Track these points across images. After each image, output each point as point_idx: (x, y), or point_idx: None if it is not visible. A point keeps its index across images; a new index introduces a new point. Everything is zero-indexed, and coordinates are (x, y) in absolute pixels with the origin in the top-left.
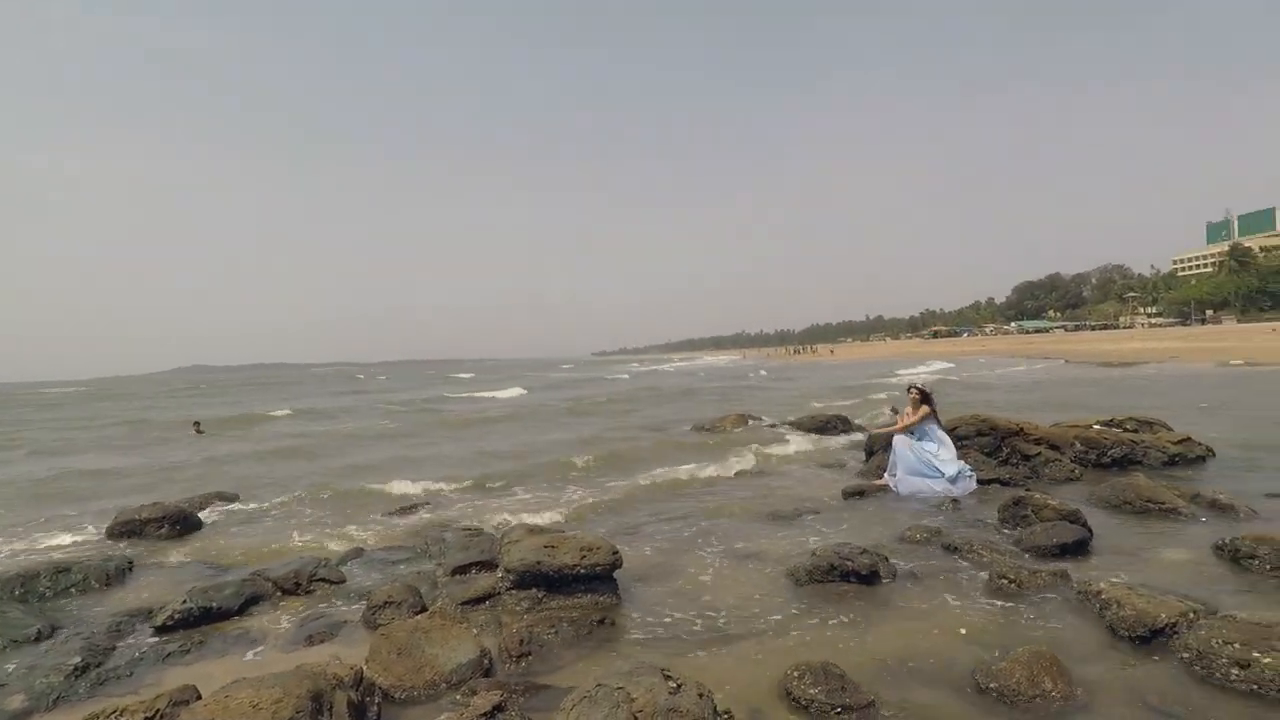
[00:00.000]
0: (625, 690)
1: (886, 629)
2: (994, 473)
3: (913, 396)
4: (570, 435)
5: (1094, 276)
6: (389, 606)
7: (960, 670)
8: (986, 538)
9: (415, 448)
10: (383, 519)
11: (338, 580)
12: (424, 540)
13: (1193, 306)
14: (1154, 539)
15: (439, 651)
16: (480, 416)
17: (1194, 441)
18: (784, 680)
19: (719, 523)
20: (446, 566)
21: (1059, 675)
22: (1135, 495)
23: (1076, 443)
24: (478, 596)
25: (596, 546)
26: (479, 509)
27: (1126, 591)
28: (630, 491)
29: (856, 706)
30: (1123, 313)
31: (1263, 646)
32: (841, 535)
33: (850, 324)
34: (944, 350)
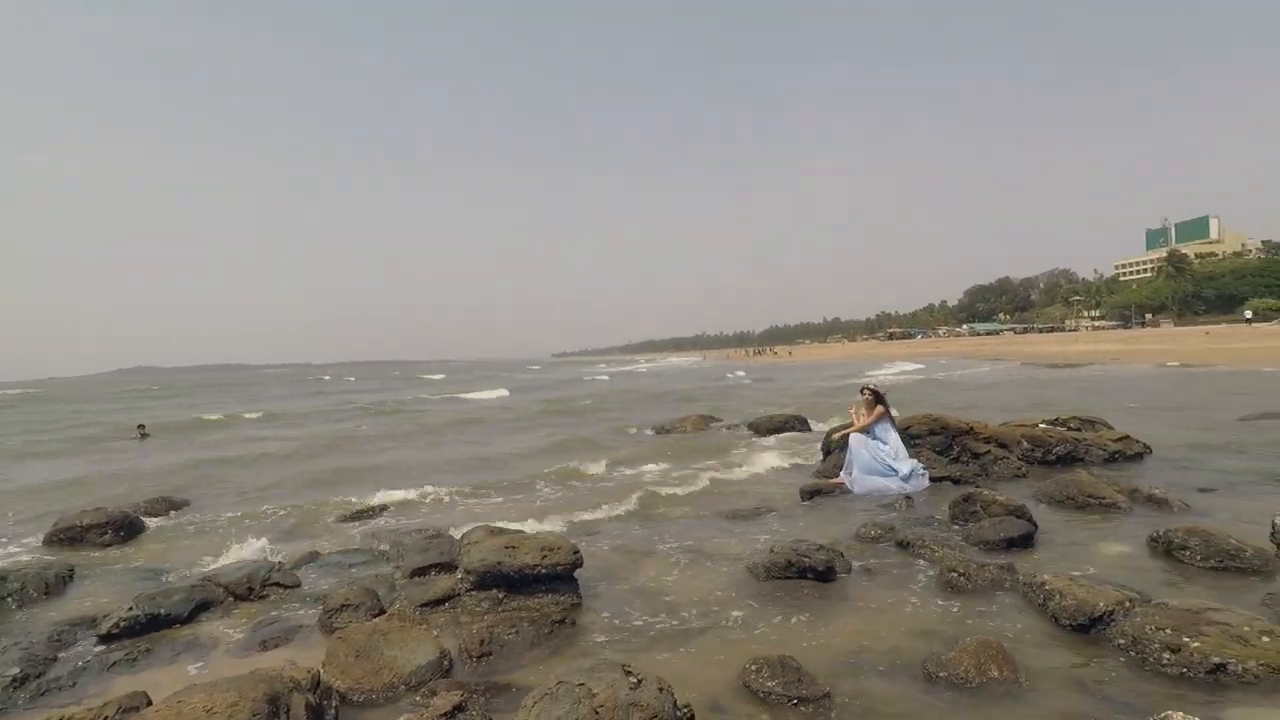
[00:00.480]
0: (586, 686)
1: (842, 623)
2: (945, 470)
3: (866, 398)
4: (547, 438)
5: (1041, 280)
6: (346, 609)
7: (912, 661)
8: (938, 534)
9: (380, 451)
10: (340, 523)
11: (292, 584)
12: (382, 543)
13: (1133, 310)
14: (1094, 532)
15: (398, 653)
16: (466, 418)
17: (1132, 439)
18: (743, 674)
19: (680, 522)
20: (405, 569)
21: (1004, 663)
22: (1077, 491)
23: (1023, 441)
24: (437, 598)
25: (557, 546)
26: (441, 512)
27: (1068, 582)
28: (593, 491)
29: (812, 698)
30: (1068, 316)
31: (1191, 631)
32: (799, 533)
33: (808, 325)
34: (901, 352)
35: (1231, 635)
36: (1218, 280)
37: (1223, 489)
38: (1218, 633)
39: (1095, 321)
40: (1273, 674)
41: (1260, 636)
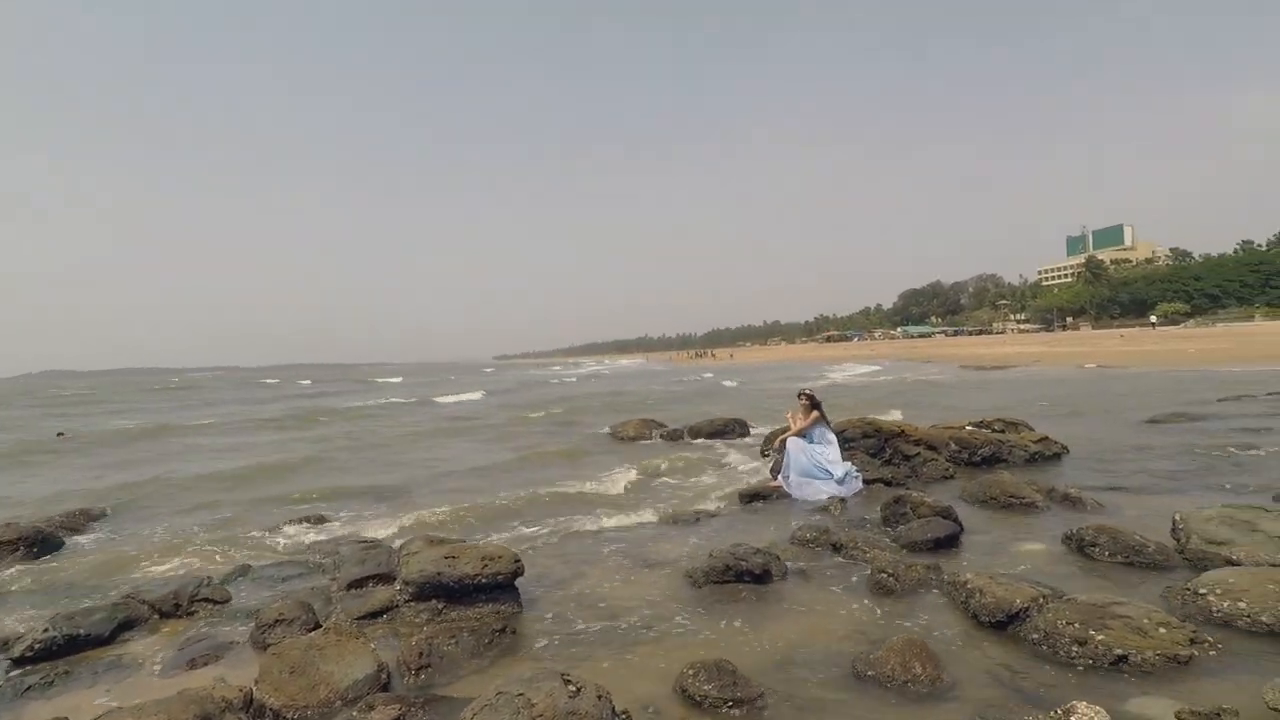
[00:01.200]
0: (525, 696)
1: (777, 625)
2: (878, 473)
3: (802, 402)
4: (487, 442)
5: (971, 285)
6: (279, 624)
7: (842, 661)
8: (869, 535)
9: (321, 458)
10: (275, 534)
11: (222, 600)
12: (319, 555)
13: (1055, 313)
14: (1015, 531)
15: (334, 668)
16: (448, 426)
17: (1051, 440)
18: (680, 678)
19: (621, 528)
20: (341, 581)
21: (928, 660)
22: (1000, 491)
23: (951, 443)
24: (375, 610)
25: (498, 555)
26: (381, 522)
27: (988, 581)
28: (533, 500)
29: (746, 700)
30: (996, 319)
31: (1097, 625)
32: (737, 536)
33: (749, 328)
34: (844, 354)
35: (1132, 628)
36: (1131, 285)
37: (1131, 487)
38: (1120, 626)
39: (1020, 324)
40: (1168, 663)
41: (1158, 628)
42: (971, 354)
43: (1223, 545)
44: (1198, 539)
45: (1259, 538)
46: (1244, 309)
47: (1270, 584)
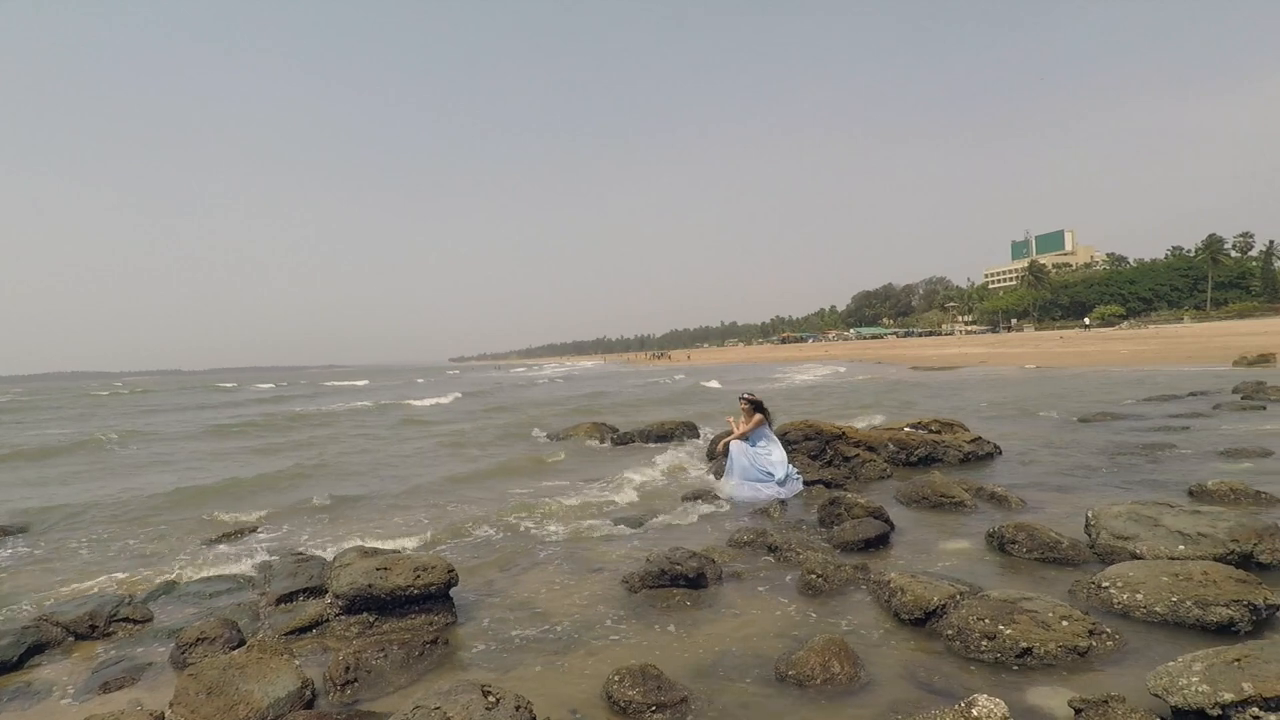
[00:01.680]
0: (442, 710)
1: (708, 629)
2: (818, 474)
3: (744, 406)
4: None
5: (921, 287)
6: (201, 643)
7: (767, 662)
8: (804, 537)
9: (262, 465)
10: (202, 548)
11: (143, 619)
12: (249, 569)
13: (1000, 315)
14: (943, 530)
15: (255, 687)
16: (413, 432)
17: (984, 440)
18: (606, 684)
19: (562, 533)
20: (271, 596)
21: (847, 659)
22: (931, 491)
23: (889, 444)
24: (304, 625)
25: (431, 565)
26: (318, 534)
27: (910, 580)
28: (477, 506)
29: (670, 704)
30: (945, 320)
31: (1006, 620)
32: (677, 539)
33: (707, 329)
34: (799, 355)
35: (1038, 621)
36: (1071, 289)
37: (1055, 485)
38: (1027, 620)
39: (968, 326)
40: (1069, 654)
41: (1060, 621)
42: (921, 355)
43: (1128, 540)
44: (1107, 534)
45: (1160, 532)
46: (1174, 312)
47: (1164, 576)
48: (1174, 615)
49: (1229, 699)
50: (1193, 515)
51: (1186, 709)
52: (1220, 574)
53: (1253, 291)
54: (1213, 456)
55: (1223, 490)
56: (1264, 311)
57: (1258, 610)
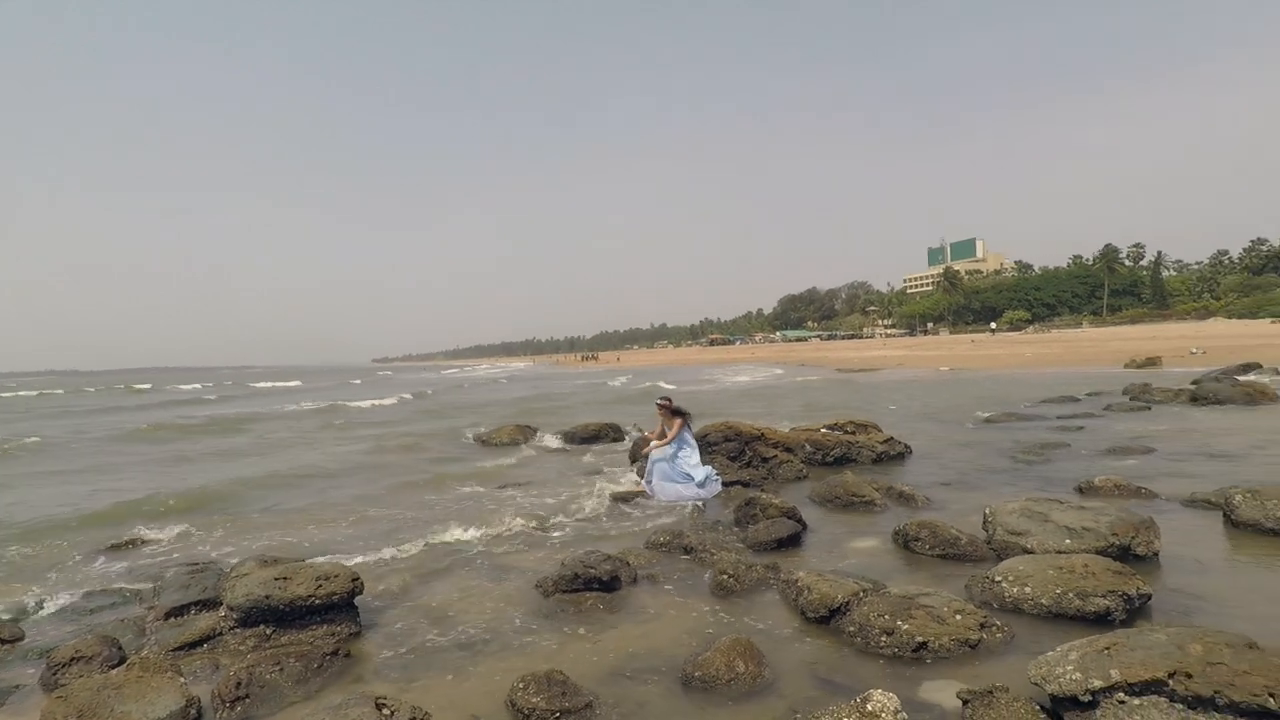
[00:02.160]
0: None
1: (618, 632)
2: (737, 475)
3: (662, 412)
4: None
5: (844, 292)
6: (77, 663)
7: (675, 664)
8: (719, 537)
9: (174, 473)
10: (86, 562)
11: (13, 638)
12: (137, 583)
13: (917, 320)
14: (853, 528)
15: (133, 708)
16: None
17: (895, 440)
18: (510, 692)
19: (479, 538)
20: (159, 610)
21: (751, 658)
22: (843, 490)
23: (806, 445)
24: (194, 640)
25: (334, 575)
26: (219, 545)
27: (816, 578)
28: (393, 511)
29: (574, 709)
30: (866, 324)
31: (904, 615)
32: (594, 543)
33: (637, 331)
34: (726, 357)
35: (933, 616)
36: (982, 294)
37: (960, 483)
38: (923, 615)
39: (888, 330)
40: (960, 646)
41: (954, 615)
42: (844, 357)
43: (1021, 536)
44: (1002, 531)
45: (1050, 527)
46: (1075, 317)
47: (1051, 569)
48: (1058, 607)
49: (1098, 685)
50: (1079, 511)
51: (1062, 696)
52: (1099, 566)
53: (1143, 299)
54: (1102, 455)
55: (1108, 486)
56: (1153, 317)
57: (1131, 600)
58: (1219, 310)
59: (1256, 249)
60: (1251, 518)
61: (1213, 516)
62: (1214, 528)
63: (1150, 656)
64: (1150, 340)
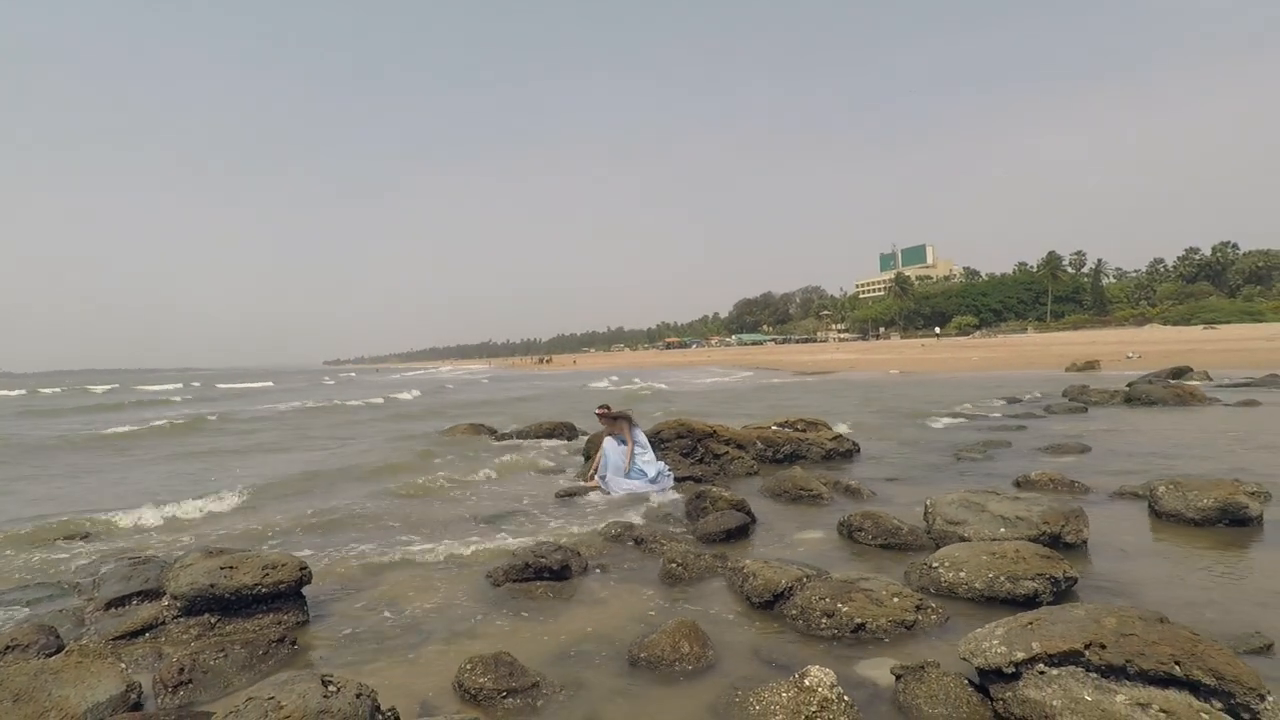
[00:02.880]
0: (275, 700)
1: (567, 618)
2: (689, 471)
3: (604, 420)
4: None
5: (798, 296)
6: (12, 651)
7: (622, 647)
8: (670, 529)
9: (118, 465)
10: (22, 553)
11: None
12: (78, 575)
13: (869, 324)
14: (800, 521)
15: (71, 692)
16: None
17: (844, 438)
18: (458, 674)
19: (432, 529)
20: (100, 600)
21: (696, 640)
22: (792, 485)
23: (758, 442)
24: (136, 629)
25: (281, 563)
26: (162, 537)
27: (761, 565)
28: (346, 503)
29: (521, 689)
30: (820, 328)
31: (844, 599)
32: (546, 534)
33: (594, 334)
34: (681, 360)
35: (871, 599)
36: (932, 300)
37: (905, 479)
38: (862, 598)
39: (841, 334)
40: (897, 627)
41: (892, 598)
42: (798, 361)
43: (959, 525)
44: (941, 520)
45: (986, 517)
46: (1020, 322)
47: (984, 555)
48: (990, 590)
49: (1021, 657)
50: (1013, 502)
51: (988, 669)
52: (1029, 551)
53: (1085, 305)
54: (1041, 452)
55: (1044, 480)
56: (1093, 323)
57: (1058, 582)
58: (1155, 317)
59: (1190, 258)
60: (1174, 508)
61: (1139, 507)
62: (1139, 518)
63: (1069, 630)
64: (1090, 345)
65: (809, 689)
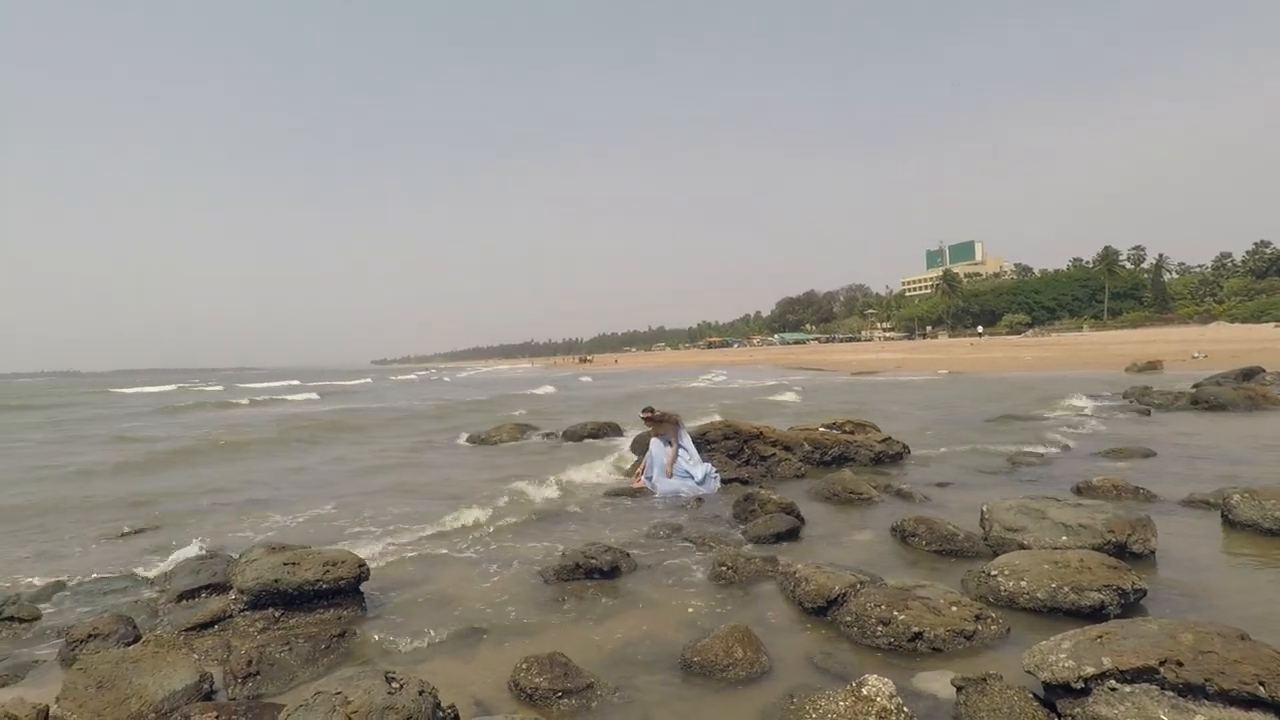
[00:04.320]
0: (343, 694)
1: (618, 619)
2: (735, 472)
3: (649, 422)
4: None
5: (842, 294)
6: (93, 639)
7: (674, 650)
8: (718, 531)
9: (189, 464)
10: (100, 548)
11: (30, 618)
12: (149, 568)
13: (916, 323)
14: (850, 524)
15: (149, 680)
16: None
17: (894, 440)
18: (514, 673)
19: (484, 529)
20: (171, 593)
21: (750, 645)
22: (841, 488)
23: (805, 444)
24: (205, 621)
25: (341, 560)
26: (225, 533)
27: (814, 570)
28: (397, 505)
29: (576, 690)
30: (864, 327)
31: (900, 606)
32: (595, 535)
33: (635, 334)
34: (714, 360)
35: (929, 607)
36: (982, 298)
37: (958, 483)
38: (919, 606)
39: (886, 333)
40: (956, 637)
41: (950, 607)
42: (842, 360)
43: (1017, 532)
44: (999, 527)
45: (1046, 524)
46: (1075, 321)
47: (1046, 564)
48: (1053, 600)
49: (1090, 672)
50: (1075, 508)
51: (1055, 683)
52: (1095, 561)
53: (1144, 302)
54: (1100, 457)
55: (1106, 486)
56: (1154, 321)
57: (1126, 594)
58: (1222, 314)
59: (1260, 252)
60: (1249, 518)
61: (1210, 517)
62: (1211, 528)
63: (1142, 645)
64: (1151, 344)
65: (866, 698)
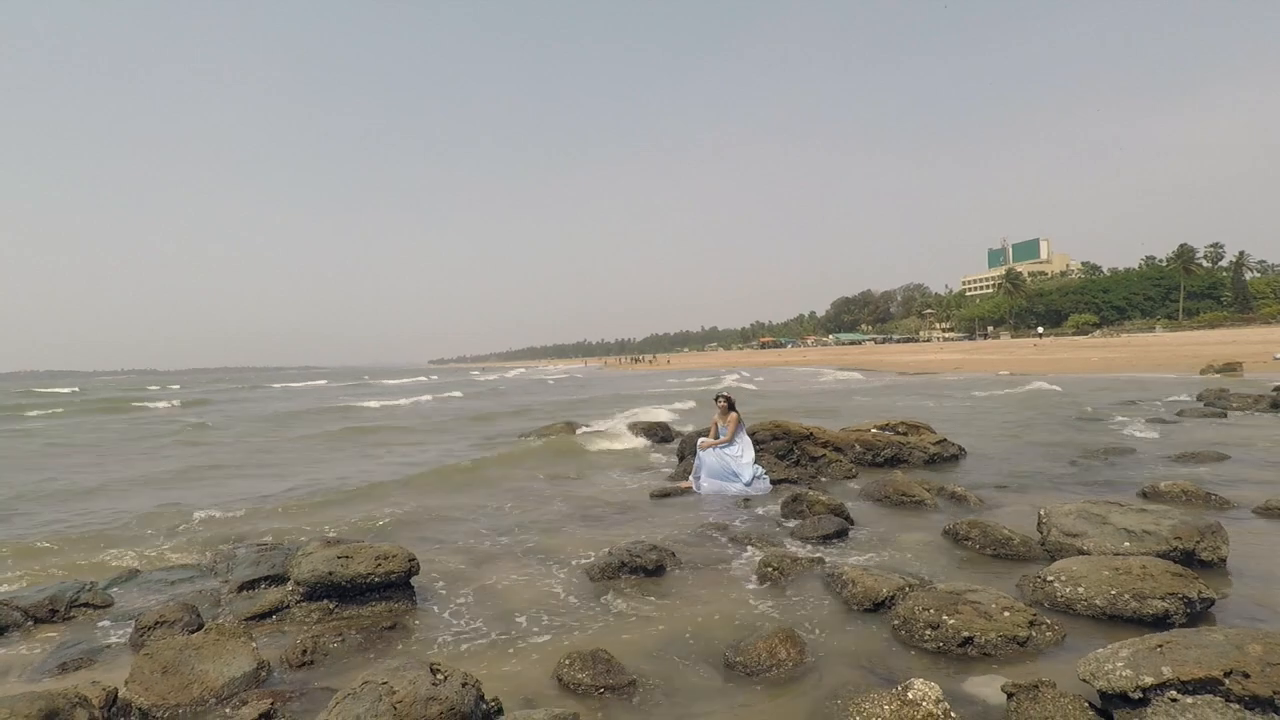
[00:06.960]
0: (389, 685)
1: (662, 617)
2: (785, 473)
3: (721, 405)
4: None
5: (899, 294)
6: (160, 626)
7: (717, 649)
8: (765, 531)
9: (231, 458)
10: (167, 537)
11: (104, 604)
12: (212, 558)
13: (977, 323)
14: (901, 527)
15: (210, 666)
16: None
17: (949, 442)
18: (557, 668)
19: (531, 526)
20: (233, 583)
21: (794, 645)
22: (892, 490)
23: (856, 445)
24: (264, 611)
25: (392, 555)
26: (283, 525)
27: (861, 572)
28: (442, 500)
29: (619, 686)
30: (922, 327)
31: (950, 610)
32: (641, 533)
33: (687, 334)
34: (768, 360)
35: (980, 612)
36: (1047, 297)
37: (1016, 486)
38: (970, 610)
39: (945, 333)
40: (1008, 642)
41: (1002, 612)
42: (899, 361)
43: (1077, 537)
44: (1057, 532)
45: (1108, 530)
46: (1146, 321)
47: (1106, 570)
48: (1113, 608)
49: (1149, 682)
50: (1139, 513)
51: (1111, 692)
52: (1158, 568)
53: (1223, 302)
54: (1170, 460)
55: (1174, 491)
56: (1234, 322)
57: (1191, 603)
58: None
59: None
60: None
61: None
62: None
63: (1206, 655)
64: (1230, 345)
65: (912, 702)
